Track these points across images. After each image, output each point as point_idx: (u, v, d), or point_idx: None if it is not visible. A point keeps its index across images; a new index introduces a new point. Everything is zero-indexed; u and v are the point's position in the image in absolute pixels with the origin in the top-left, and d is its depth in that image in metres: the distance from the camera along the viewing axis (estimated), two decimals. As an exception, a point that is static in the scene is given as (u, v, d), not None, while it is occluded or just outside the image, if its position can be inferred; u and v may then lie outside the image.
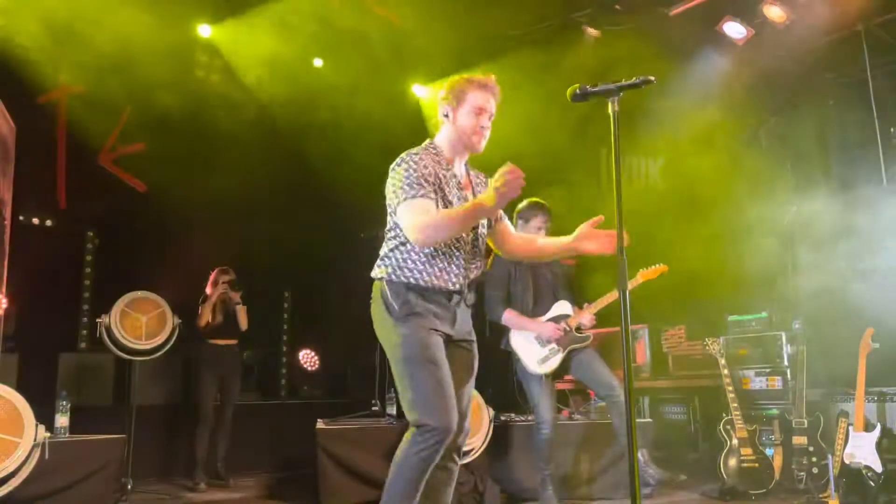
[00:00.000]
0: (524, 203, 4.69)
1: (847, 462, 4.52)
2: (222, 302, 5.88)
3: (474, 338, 2.83)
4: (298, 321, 7.73)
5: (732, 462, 4.82)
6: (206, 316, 5.80)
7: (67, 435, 4.53)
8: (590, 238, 2.74)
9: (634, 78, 2.41)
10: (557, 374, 4.69)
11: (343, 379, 7.71)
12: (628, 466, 2.25)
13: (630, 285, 4.40)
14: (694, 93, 6.58)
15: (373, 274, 2.76)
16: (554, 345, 4.54)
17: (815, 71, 7.05)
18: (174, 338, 5.49)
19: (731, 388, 4.97)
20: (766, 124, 7.61)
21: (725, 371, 5.01)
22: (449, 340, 2.71)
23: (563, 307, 4.66)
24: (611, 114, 2.40)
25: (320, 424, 4.82)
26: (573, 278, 4.98)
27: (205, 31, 6.58)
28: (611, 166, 2.40)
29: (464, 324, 2.77)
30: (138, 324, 5.35)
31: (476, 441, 4.72)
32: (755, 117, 7.52)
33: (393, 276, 2.66)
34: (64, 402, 4.58)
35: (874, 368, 4.78)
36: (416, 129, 7.99)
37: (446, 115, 2.83)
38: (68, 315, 6.47)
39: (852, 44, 6.45)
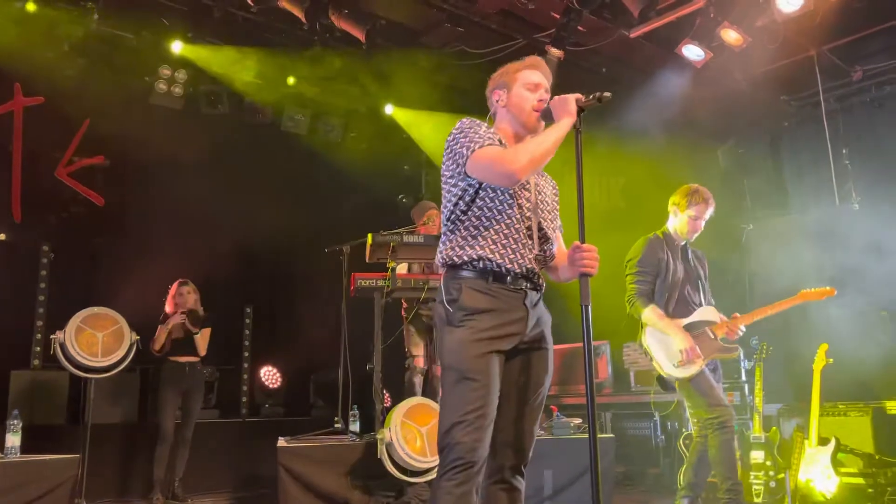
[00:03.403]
0: (682, 189, 4.27)
1: (803, 476, 4.61)
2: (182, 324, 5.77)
3: (551, 340, 2.54)
4: (260, 337, 7.63)
5: (692, 477, 4.87)
6: (160, 341, 5.64)
7: (19, 455, 4.39)
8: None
9: (592, 95, 2.46)
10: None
11: (306, 396, 7.63)
12: (591, 482, 2.27)
13: (789, 304, 4.19)
14: (654, 113, 6.72)
15: (436, 260, 2.54)
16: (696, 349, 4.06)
17: (771, 93, 7.26)
18: (132, 355, 5.38)
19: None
20: (723, 144, 7.81)
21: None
22: (521, 345, 2.44)
23: (708, 313, 4.22)
24: (573, 132, 2.44)
25: (282, 442, 4.75)
26: None
27: (176, 47, 6.52)
28: (573, 185, 2.44)
29: (541, 325, 2.50)
30: (94, 340, 5.23)
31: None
32: (713, 137, 7.70)
33: (454, 257, 2.43)
34: (15, 422, 4.45)
35: (829, 383, 4.90)
36: (384, 148, 8.04)
37: (498, 100, 2.63)
38: (21, 331, 6.29)
39: (805, 67, 6.67)
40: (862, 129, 6.97)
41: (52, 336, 5.17)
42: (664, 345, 4.13)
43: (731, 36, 5.72)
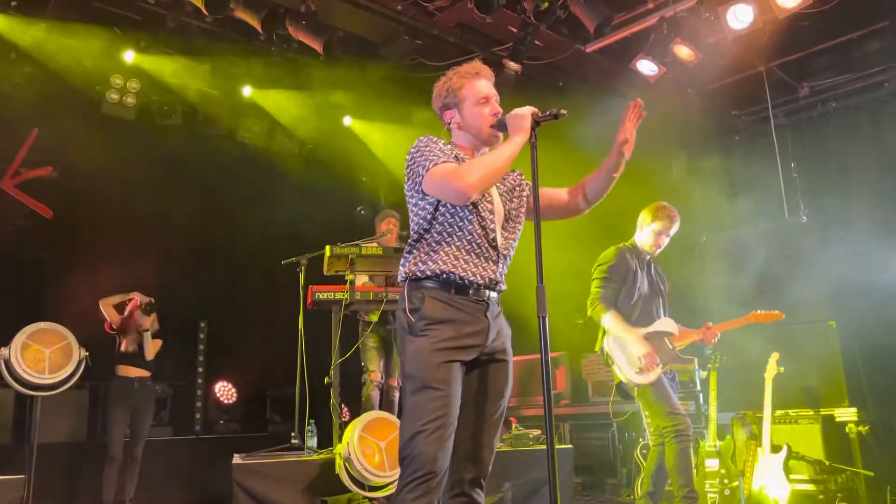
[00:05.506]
0: (651, 205, 4.44)
1: (756, 483, 4.69)
2: (136, 331, 5.65)
3: (511, 352, 2.55)
4: (214, 352, 7.49)
5: (649, 486, 4.91)
6: (111, 313, 5.64)
7: (-41, 478, 4.25)
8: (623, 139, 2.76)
9: (548, 111, 2.48)
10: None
11: (262, 412, 7.51)
12: (549, 493, 2.26)
13: (743, 322, 4.41)
14: (609, 126, 6.80)
15: (399, 276, 2.54)
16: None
17: (722, 108, 7.44)
18: (80, 371, 5.23)
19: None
20: (676, 157, 7.95)
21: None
22: (482, 356, 2.44)
23: (667, 324, 4.38)
24: (529, 145, 2.46)
25: (237, 459, 4.66)
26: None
27: (129, 56, 6.39)
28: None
29: (501, 336, 2.51)
30: (41, 356, 5.08)
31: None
32: (667, 150, 7.84)
33: (417, 272, 2.43)
34: (-44, 443, 4.30)
35: (780, 392, 4.99)
36: (341, 159, 8.00)
37: (451, 121, 2.63)
38: (-37, 348, 6.08)
39: (755, 83, 6.84)
40: (809, 143, 7.17)
41: (-4, 353, 5.01)
42: (625, 351, 4.24)
43: (683, 52, 5.85)
